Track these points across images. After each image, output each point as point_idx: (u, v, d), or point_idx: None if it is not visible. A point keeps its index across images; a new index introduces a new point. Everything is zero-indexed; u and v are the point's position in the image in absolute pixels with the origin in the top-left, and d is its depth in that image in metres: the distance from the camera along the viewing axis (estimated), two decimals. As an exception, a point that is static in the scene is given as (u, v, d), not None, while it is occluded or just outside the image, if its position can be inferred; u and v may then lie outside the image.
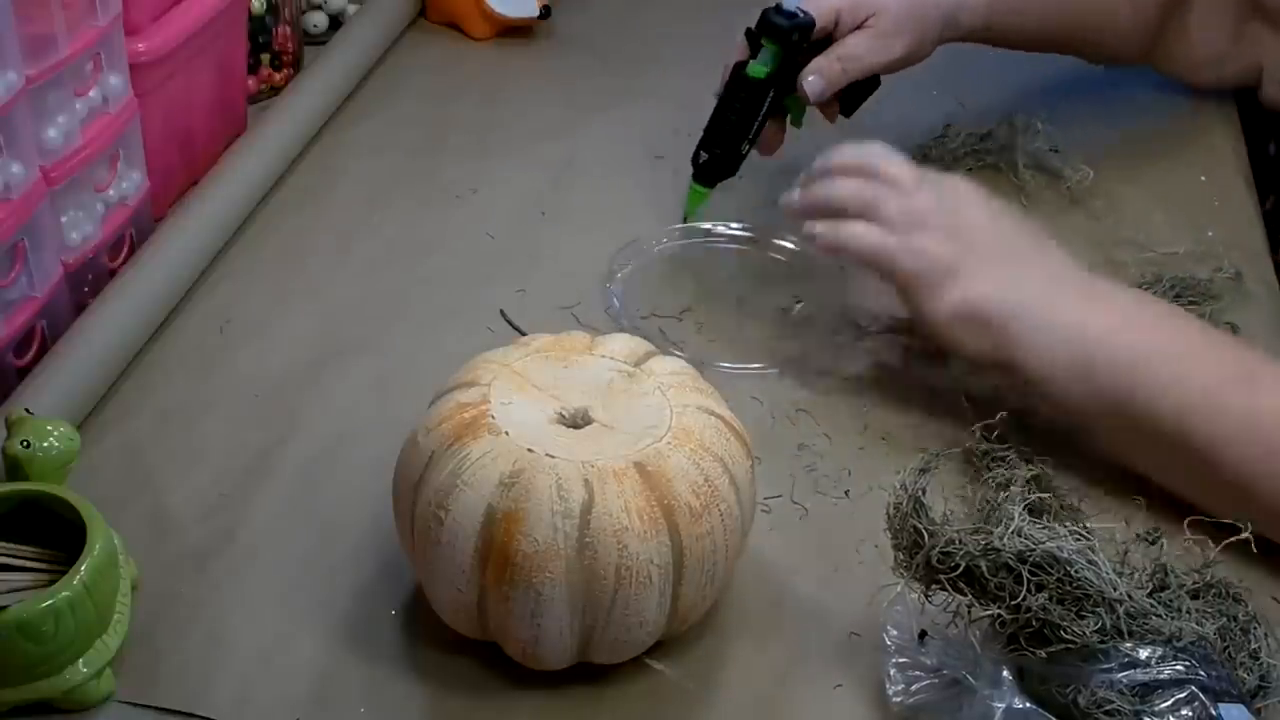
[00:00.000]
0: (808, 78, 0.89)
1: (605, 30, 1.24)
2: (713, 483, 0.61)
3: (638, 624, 0.60)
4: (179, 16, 0.90)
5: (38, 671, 0.60)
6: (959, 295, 0.75)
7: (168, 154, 0.92)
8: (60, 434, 0.65)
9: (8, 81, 0.72)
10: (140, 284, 0.83)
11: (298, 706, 0.62)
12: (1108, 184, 1.02)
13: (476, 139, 1.06)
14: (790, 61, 0.89)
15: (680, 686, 0.64)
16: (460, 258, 0.93)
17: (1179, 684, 0.55)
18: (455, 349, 0.71)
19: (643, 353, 0.67)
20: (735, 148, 0.92)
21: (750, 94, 0.90)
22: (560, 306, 0.88)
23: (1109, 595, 0.57)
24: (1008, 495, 0.61)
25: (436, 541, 0.60)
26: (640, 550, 0.58)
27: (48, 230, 0.78)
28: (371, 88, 1.13)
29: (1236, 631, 0.60)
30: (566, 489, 0.58)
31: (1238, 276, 0.90)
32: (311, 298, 0.89)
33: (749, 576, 0.69)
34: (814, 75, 0.89)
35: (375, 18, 1.17)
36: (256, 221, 0.95)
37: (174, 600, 0.67)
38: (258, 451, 0.76)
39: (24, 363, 0.78)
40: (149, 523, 0.71)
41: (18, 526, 0.63)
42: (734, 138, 0.91)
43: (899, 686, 0.61)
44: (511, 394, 0.63)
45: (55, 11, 0.75)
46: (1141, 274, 0.91)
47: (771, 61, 0.89)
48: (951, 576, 0.59)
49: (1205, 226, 0.98)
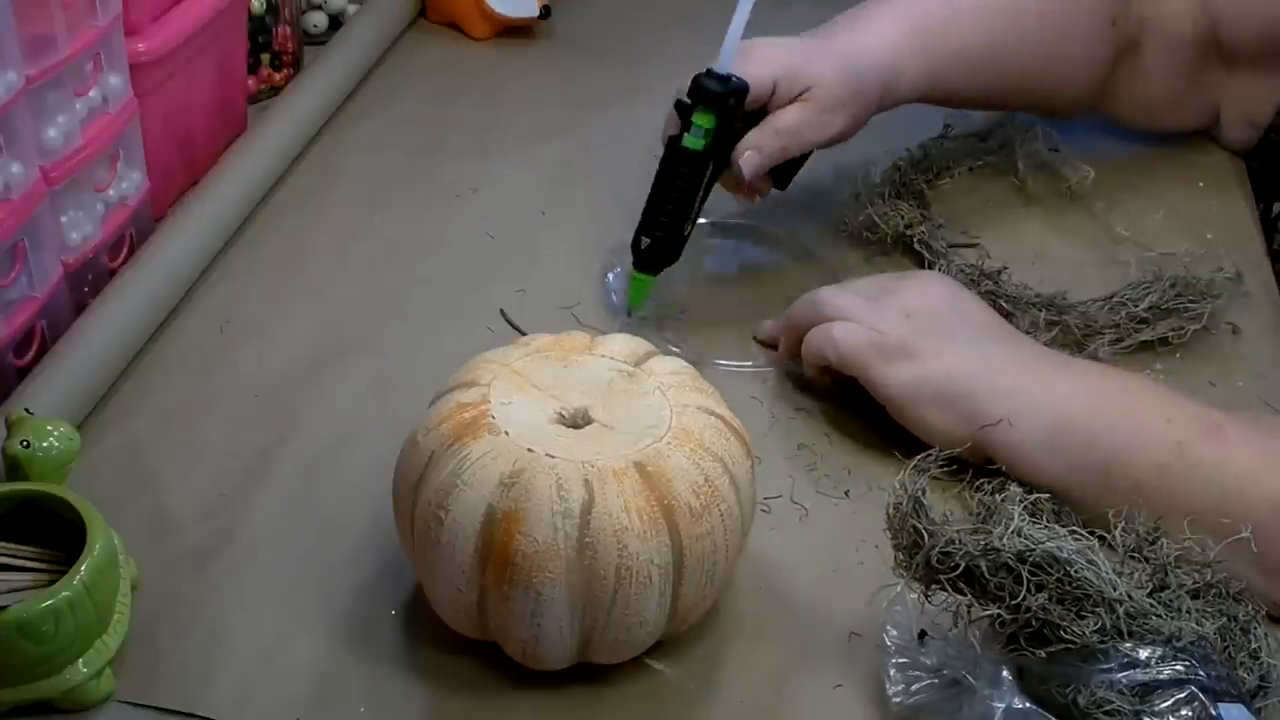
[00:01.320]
0: (744, 153, 0.83)
1: (605, 30, 1.24)
2: (713, 483, 0.61)
3: (638, 624, 0.60)
4: (179, 16, 0.90)
5: (38, 671, 0.60)
6: (923, 371, 0.74)
7: (168, 154, 0.92)
8: (60, 434, 0.65)
9: (8, 81, 0.72)
10: (140, 284, 0.83)
11: (298, 706, 0.62)
12: (1108, 184, 1.02)
13: (476, 139, 1.06)
14: (728, 129, 0.83)
15: (680, 686, 0.64)
16: (460, 258, 0.93)
17: (1179, 684, 0.55)
18: (455, 349, 0.71)
19: (643, 353, 0.67)
20: (678, 229, 0.85)
21: (689, 168, 0.83)
22: (560, 306, 0.88)
23: (1109, 595, 0.57)
24: (1006, 496, 0.61)
25: (436, 541, 0.60)
26: (640, 550, 0.58)
27: (48, 230, 0.78)
28: (371, 88, 1.13)
29: (1236, 631, 0.60)
30: (566, 489, 0.58)
31: (1238, 277, 0.90)
32: (311, 298, 0.89)
33: (749, 576, 0.69)
34: (751, 151, 0.83)
35: (375, 18, 1.17)
36: (256, 221, 0.95)
37: (174, 600, 0.67)
38: (258, 451, 0.76)
39: (24, 363, 0.78)
40: (149, 523, 0.71)
41: (18, 526, 0.63)
42: (676, 218, 0.84)
43: (899, 686, 0.61)
44: (511, 394, 0.63)
45: (55, 11, 0.75)
46: (1142, 274, 0.91)
47: (706, 134, 0.82)
48: (951, 576, 0.59)
49: (1204, 229, 0.98)
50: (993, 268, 0.89)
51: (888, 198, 0.96)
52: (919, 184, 0.99)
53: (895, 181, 0.98)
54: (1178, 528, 0.63)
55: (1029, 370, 0.75)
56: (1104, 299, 0.87)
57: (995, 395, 0.73)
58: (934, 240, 0.94)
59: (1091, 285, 0.92)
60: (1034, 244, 0.97)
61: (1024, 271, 0.93)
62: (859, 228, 0.95)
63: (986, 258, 0.92)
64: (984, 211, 0.99)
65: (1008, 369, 0.74)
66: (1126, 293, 0.88)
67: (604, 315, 0.87)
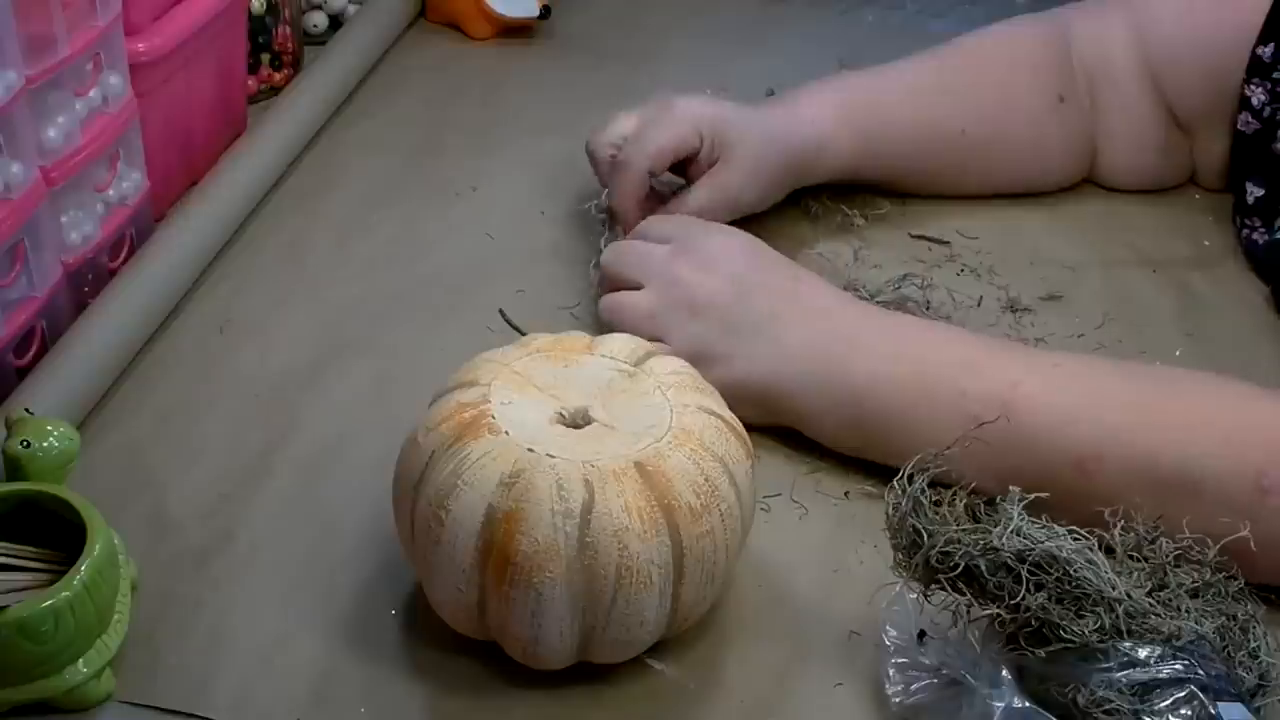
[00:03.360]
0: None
1: (605, 30, 1.24)
2: (713, 482, 0.61)
3: (638, 624, 0.60)
4: (179, 16, 0.90)
5: (38, 671, 0.60)
6: (720, 376, 0.73)
7: (168, 154, 0.92)
8: (60, 434, 0.65)
9: (8, 81, 0.72)
10: (140, 284, 0.83)
11: (298, 706, 0.62)
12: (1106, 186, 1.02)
13: (476, 139, 1.06)
14: None
15: (680, 686, 0.64)
16: (460, 257, 0.93)
17: (1178, 683, 0.55)
18: (455, 349, 0.71)
19: (643, 353, 0.67)
20: None
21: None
22: (560, 306, 0.88)
23: (1108, 595, 0.57)
24: (1005, 496, 0.61)
25: (436, 541, 0.60)
26: (640, 550, 0.58)
27: (48, 230, 0.78)
28: (371, 88, 1.13)
29: (1235, 631, 0.59)
30: (567, 489, 0.58)
31: (1234, 283, 0.91)
32: (311, 298, 0.89)
33: (749, 576, 0.69)
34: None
35: (375, 18, 1.17)
36: (256, 221, 0.95)
37: (174, 600, 0.67)
38: (258, 451, 0.76)
39: (24, 363, 0.78)
40: (149, 523, 0.71)
41: (18, 526, 0.63)
42: None
43: (898, 686, 0.61)
44: (511, 394, 0.63)
45: (55, 11, 0.75)
46: (1142, 274, 0.91)
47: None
48: (951, 576, 0.59)
49: (1202, 236, 0.98)
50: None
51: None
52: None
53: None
54: (995, 489, 0.62)
55: (821, 356, 0.74)
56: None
57: (792, 391, 0.74)
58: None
59: (1091, 285, 0.92)
60: (1034, 244, 0.97)
61: (1024, 271, 0.93)
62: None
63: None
64: (983, 211, 0.99)
65: (800, 358, 0.74)
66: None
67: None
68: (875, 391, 0.72)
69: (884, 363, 0.73)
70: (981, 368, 0.71)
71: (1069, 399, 0.69)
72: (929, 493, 0.60)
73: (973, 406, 0.69)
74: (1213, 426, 0.68)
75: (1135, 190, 1.02)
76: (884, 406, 0.72)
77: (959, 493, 0.61)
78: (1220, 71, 0.95)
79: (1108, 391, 0.70)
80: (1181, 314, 0.90)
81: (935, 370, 0.72)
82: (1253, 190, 0.94)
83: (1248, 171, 0.95)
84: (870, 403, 0.73)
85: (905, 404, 0.72)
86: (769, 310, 0.76)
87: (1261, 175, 0.94)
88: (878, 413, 0.73)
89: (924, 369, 0.72)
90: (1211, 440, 0.67)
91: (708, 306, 0.76)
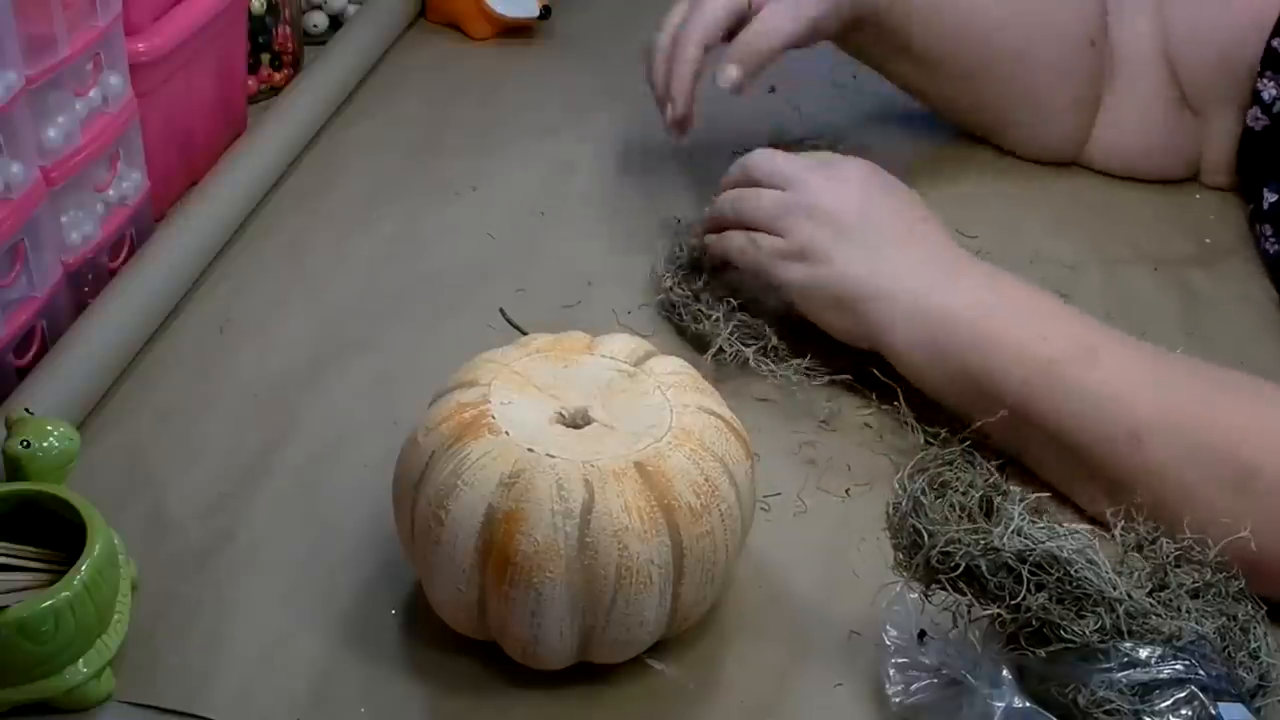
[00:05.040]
0: (725, 69, 0.87)
1: (605, 30, 1.24)
2: (713, 482, 0.61)
3: (638, 624, 0.60)
4: (179, 16, 0.90)
5: (38, 671, 0.60)
6: (823, 273, 0.76)
7: (168, 154, 0.92)
8: (60, 434, 0.65)
9: (8, 81, 0.72)
10: (140, 284, 0.83)
11: (298, 706, 0.62)
12: (1107, 184, 1.02)
13: (476, 139, 1.06)
14: None
15: (680, 686, 0.64)
16: (460, 257, 0.93)
17: (1179, 683, 0.55)
18: (455, 349, 0.71)
19: (643, 353, 0.67)
20: None
21: None
22: (560, 306, 0.88)
23: (1109, 595, 0.57)
24: (1006, 495, 0.61)
25: (436, 541, 0.60)
26: (640, 550, 0.58)
27: (48, 230, 0.78)
28: (371, 88, 1.13)
29: (1236, 631, 0.59)
30: (567, 489, 0.58)
31: (1236, 281, 0.90)
32: (311, 298, 0.89)
33: (749, 576, 0.69)
34: (732, 65, 0.87)
35: (375, 18, 1.17)
36: (256, 221, 0.95)
37: (174, 600, 0.67)
38: (258, 451, 0.76)
39: (24, 363, 0.78)
40: (149, 523, 0.71)
41: (18, 526, 0.63)
42: None
43: (898, 686, 0.61)
44: (511, 394, 0.63)
45: (55, 11, 0.75)
46: (1143, 272, 0.91)
47: None
48: (951, 576, 0.58)
49: (1203, 234, 0.98)
50: None
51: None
52: None
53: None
54: (1041, 445, 0.63)
55: (919, 275, 0.76)
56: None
57: (880, 299, 0.76)
58: None
59: (1092, 284, 0.92)
60: (1034, 243, 0.97)
61: (1024, 270, 0.92)
62: None
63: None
64: (984, 210, 0.99)
65: (897, 273, 0.76)
66: None
67: (604, 315, 0.87)
68: (959, 316, 0.74)
69: (975, 293, 0.75)
70: (1063, 322, 0.73)
71: (1138, 370, 0.71)
72: (929, 492, 0.61)
73: (1051, 350, 0.71)
74: (1270, 419, 0.68)
75: (1135, 177, 1.02)
76: (965, 333, 0.73)
77: (965, 491, 0.61)
78: (1236, 58, 0.95)
79: (1174, 371, 0.71)
80: (1183, 312, 0.90)
81: (1021, 312, 0.74)
82: (1268, 196, 0.94)
83: (1265, 176, 0.95)
84: (952, 323, 0.74)
85: (985, 333, 0.73)
86: (885, 229, 0.78)
87: (1278, 180, 0.94)
88: (956, 336, 0.73)
89: (1013, 306, 0.74)
90: (1268, 433, 0.67)
91: (830, 213, 0.78)
